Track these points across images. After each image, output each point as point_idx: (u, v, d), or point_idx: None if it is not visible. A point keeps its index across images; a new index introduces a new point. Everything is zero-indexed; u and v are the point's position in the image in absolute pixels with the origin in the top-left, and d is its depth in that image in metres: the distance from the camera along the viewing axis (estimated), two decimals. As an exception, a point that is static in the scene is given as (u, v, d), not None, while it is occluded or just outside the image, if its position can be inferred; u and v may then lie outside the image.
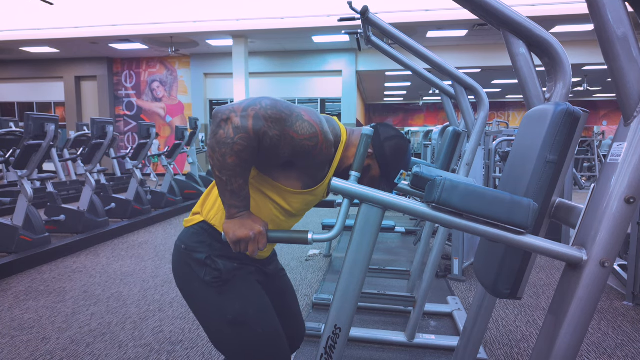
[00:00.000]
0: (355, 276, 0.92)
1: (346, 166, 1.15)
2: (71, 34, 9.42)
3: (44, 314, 2.45)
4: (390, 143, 1.14)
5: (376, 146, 1.15)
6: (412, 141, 17.93)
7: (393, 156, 1.14)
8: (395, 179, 1.14)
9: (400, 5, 7.97)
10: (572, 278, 0.75)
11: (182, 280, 1.17)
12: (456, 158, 2.18)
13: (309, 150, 1.01)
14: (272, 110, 0.95)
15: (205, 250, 1.12)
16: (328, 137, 1.04)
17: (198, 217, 1.17)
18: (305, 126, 0.99)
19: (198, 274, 1.12)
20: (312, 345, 2.08)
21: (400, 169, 1.16)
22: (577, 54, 9.85)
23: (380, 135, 1.15)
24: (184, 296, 1.18)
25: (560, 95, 0.97)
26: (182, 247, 1.15)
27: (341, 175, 1.16)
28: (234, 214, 1.00)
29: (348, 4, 2.10)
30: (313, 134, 1.00)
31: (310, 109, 1.05)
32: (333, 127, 1.12)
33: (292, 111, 0.99)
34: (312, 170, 1.09)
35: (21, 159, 3.51)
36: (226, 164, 0.94)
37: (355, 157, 0.97)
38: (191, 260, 1.13)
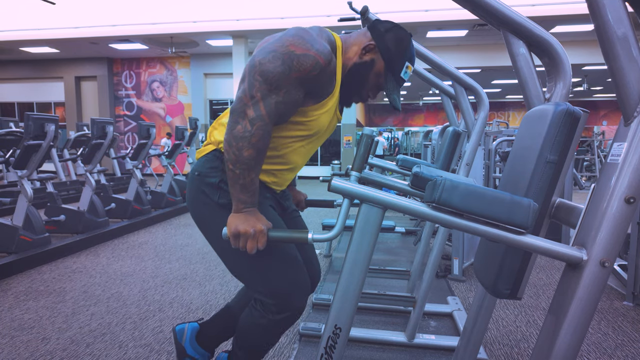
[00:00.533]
0: (355, 276, 0.92)
1: (350, 67, 1.13)
2: (71, 34, 9.42)
3: (44, 314, 2.45)
4: (391, 34, 1.12)
5: (378, 39, 1.12)
6: (412, 141, 17.94)
7: (396, 46, 1.11)
8: (401, 72, 1.13)
9: (400, 5, 7.98)
10: (572, 278, 0.75)
11: (196, 207, 1.18)
12: (456, 158, 2.18)
13: (317, 76, 1.02)
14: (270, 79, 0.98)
15: (218, 175, 1.14)
16: (326, 52, 1.02)
17: (210, 146, 1.19)
18: (302, 61, 0.99)
19: (212, 197, 1.13)
20: (312, 345, 2.08)
21: (405, 60, 1.13)
22: (577, 54, 9.85)
23: (380, 28, 1.13)
24: (198, 223, 1.19)
25: (560, 95, 0.97)
26: (196, 174, 1.17)
27: (348, 79, 1.14)
28: (240, 209, 1.01)
29: (348, 4, 2.10)
30: (313, 62, 1.00)
31: (297, 34, 1.02)
32: (325, 35, 1.10)
33: (282, 58, 0.99)
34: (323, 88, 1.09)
35: (21, 159, 3.51)
36: (242, 157, 0.97)
37: (355, 157, 0.97)
38: (205, 186, 1.14)
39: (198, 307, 2.57)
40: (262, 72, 0.98)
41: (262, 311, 1.17)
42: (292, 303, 1.16)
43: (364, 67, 1.13)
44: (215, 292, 2.82)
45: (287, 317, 1.16)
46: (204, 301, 2.65)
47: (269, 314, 1.16)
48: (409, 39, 1.14)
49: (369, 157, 2.14)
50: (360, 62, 1.13)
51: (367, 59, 1.12)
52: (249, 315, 1.21)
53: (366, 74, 1.14)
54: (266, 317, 1.16)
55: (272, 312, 1.16)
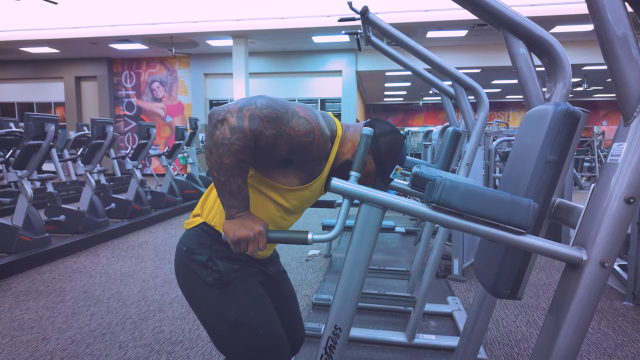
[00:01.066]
0: (355, 276, 0.92)
1: (342, 161, 1.15)
2: (71, 34, 9.42)
3: (44, 314, 2.45)
4: (385, 139, 1.14)
5: (372, 142, 1.14)
6: (412, 141, 17.94)
7: (388, 151, 1.14)
8: (390, 174, 1.16)
9: (400, 6, 7.97)
10: (572, 278, 0.75)
11: (184, 282, 1.17)
12: (456, 158, 2.18)
13: (307, 145, 1.01)
14: (267, 109, 0.95)
15: (205, 252, 1.12)
16: (325, 131, 1.04)
17: (198, 219, 1.18)
18: (301, 122, 0.99)
19: (199, 275, 1.12)
20: (312, 345, 2.08)
21: (395, 164, 1.16)
22: (577, 54, 9.84)
23: (376, 131, 1.15)
24: (186, 297, 1.19)
25: (560, 95, 0.97)
26: (184, 249, 1.16)
27: (338, 170, 1.16)
28: (233, 214, 1.00)
29: (348, 4, 2.10)
30: (310, 130, 1.00)
31: (306, 105, 1.05)
32: (329, 122, 1.12)
33: (287, 108, 0.99)
34: (310, 166, 1.09)
35: (21, 159, 3.51)
36: (224, 164, 0.94)
37: (355, 157, 0.97)
38: (192, 262, 1.13)
39: (198, 307, 2.56)
40: (264, 104, 0.96)
41: None
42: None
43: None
44: (215, 292, 2.82)
45: None
46: (204, 301, 2.65)
47: None
48: (402, 143, 1.17)
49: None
50: (352, 160, 1.13)
51: None
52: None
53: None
54: None
55: None
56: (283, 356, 1.18)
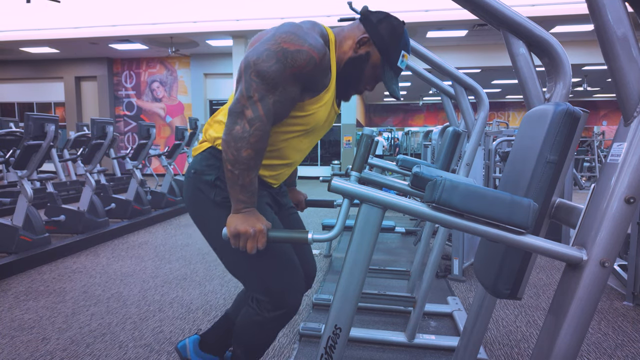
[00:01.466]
0: (355, 276, 0.92)
1: (345, 61, 1.13)
2: (71, 34, 9.42)
3: (44, 314, 2.45)
4: (384, 24, 1.11)
5: (371, 30, 1.11)
6: (412, 141, 17.93)
7: (390, 36, 1.10)
8: (398, 61, 1.12)
9: (400, 6, 7.98)
10: (572, 278, 0.75)
11: (193, 205, 1.18)
12: (456, 158, 2.18)
13: (311, 71, 1.02)
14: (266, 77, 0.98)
15: (214, 172, 1.14)
16: (318, 46, 1.02)
17: (205, 144, 1.19)
18: (296, 57, 0.99)
19: (208, 195, 1.13)
20: (312, 346, 2.08)
21: (400, 49, 1.12)
22: (577, 54, 9.85)
23: (373, 19, 1.12)
24: (196, 221, 1.19)
25: (560, 96, 0.97)
26: (192, 171, 1.17)
27: (343, 73, 1.14)
28: (239, 209, 1.01)
29: (348, 4, 2.10)
30: (307, 58, 1.00)
31: (290, 30, 1.02)
32: (317, 29, 1.09)
33: (276, 56, 0.98)
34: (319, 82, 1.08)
35: (21, 159, 3.51)
36: (240, 157, 0.97)
37: (355, 157, 0.97)
38: (201, 183, 1.14)
39: (198, 307, 2.57)
40: (258, 72, 0.98)
41: (257, 309, 1.18)
42: (286, 301, 1.17)
43: (360, 60, 1.12)
44: (215, 292, 2.82)
45: (281, 314, 1.17)
46: (204, 301, 2.65)
47: (264, 311, 1.17)
48: (403, 27, 1.12)
49: (369, 157, 2.14)
50: (355, 56, 1.12)
51: (362, 52, 1.11)
52: (245, 314, 1.23)
53: (362, 67, 1.13)
54: (261, 314, 1.17)
55: (267, 310, 1.17)
56: (296, 277, 1.18)
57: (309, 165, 12.58)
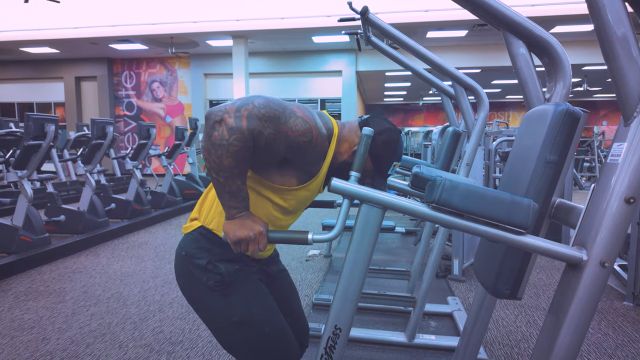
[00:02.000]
0: (356, 276, 0.92)
1: (340, 161, 1.15)
2: (71, 34, 9.42)
3: (44, 315, 2.45)
4: (381, 137, 1.12)
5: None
6: (412, 141, 17.94)
7: (385, 149, 1.13)
8: (388, 170, 1.16)
9: (400, 6, 7.97)
10: (572, 278, 0.75)
11: (185, 286, 1.17)
12: (456, 158, 2.18)
13: (305, 145, 1.01)
14: (265, 109, 0.95)
15: (205, 256, 1.12)
16: (322, 131, 1.04)
17: (196, 222, 1.17)
18: (299, 122, 0.99)
19: (200, 279, 1.12)
20: (312, 346, 2.08)
21: (393, 161, 1.16)
22: (577, 54, 9.84)
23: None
24: (189, 302, 1.19)
25: (560, 96, 0.97)
26: (183, 253, 1.15)
27: (335, 169, 1.15)
28: (233, 215, 1.00)
29: (348, 4, 2.10)
30: (307, 130, 1.00)
31: (302, 105, 1.05)
32: (325, 121, 1.12)
33: (284, 108, 0.99)
34: (307, 166, 1.09)
35: (21, 160, 3.51)
36: (223, 165, 0.93)
37: (355, 157, 0.97)
38: (192, 267, 1.13)
39: (198, 307, 2.56)
40: (261, 104, 0.95)
41: None
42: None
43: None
44: (215, 292, 2.82)
45: None
46: (204, 301, 2.65)
47: None
48: (399, 139, 1.16)
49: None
50: (350, 162, 1.14)
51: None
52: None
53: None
54: None
55: None
56: (291, 352, 1.18)
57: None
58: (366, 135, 0.96)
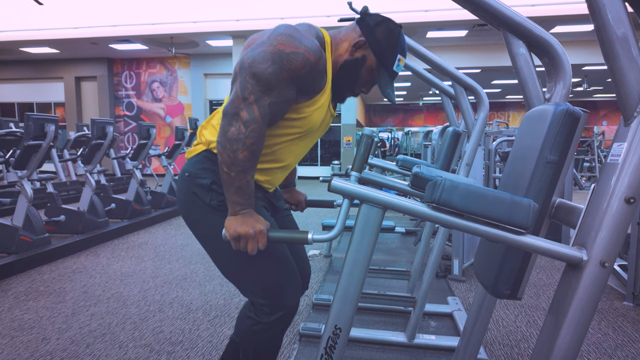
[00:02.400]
0: (356, 276, 0.92)
1: (341, 64, 1.13)
2: (71, 34, 9.42)
3: (44, 315, 2.45)
4: (381, 27, 1.10)
5: (367, 33, 1.10)
6: (412, 141, 17.94)
7: (387, 40, 1.10)
8: (393, 65, 1.12)
9: (400, 6, 7.98)
10: (572, 278, 0.75)
11: (188, 209, 1.16)
12: (456, 158, 2.18)
13: (307, 74, 1.02)
14: (262, 79, 0.97)
15: (209, 176, 1.12)
16: (314, 48, 1.02)
17: (200, 146, 1.18)
18: (292, 59, 0.98)
19: (204, 199, 1.12)
20: (312, 346, 2.08)
21: (397, 53, 1.11)
22: (577, 54, 9.85)
23: (369, 22, 1.11)
24: (190, 225, 1.18)
25: (560, 96, 0.97)
26: (186, 174, 1.15)
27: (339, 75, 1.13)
28: (237, 211, 1.00)
29: (348, 4, 2.10)
30: (303, 60, 0.99)
31: (285, 32, 1.01)
32: (312, 31, 1.09)
33: (272, 58, 0.98)
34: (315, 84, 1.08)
35: (21, 160, 3.51)
36: (237, 159, 0.96)
37: (355, 157, 0.97)
38: (196, 187, 1.12)
39: (198, 307, 2.56)
40: (254, 74, 0.97)
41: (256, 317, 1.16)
42: (284, 302, 1.15)
43: (356, 63, 1.12)
44: (215, 292, 2.82)
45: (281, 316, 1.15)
46: (204, 301, 2.65)
47: (262, 316, 1.15)
48: (399, 31, 1.12)
49: (369, 157, 2.14)
50: (351, 59, 1.12)
51: (358, 55, 1.11)
52: (245, 325, 1.20)
53: (358, 70, 1.13)
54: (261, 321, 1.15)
55: (265, 314, 1.14)
56: (294, 280, 1.17)
57: (309, 165, 12.58)
58: (366, 136, 0.96)
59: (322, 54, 1.04)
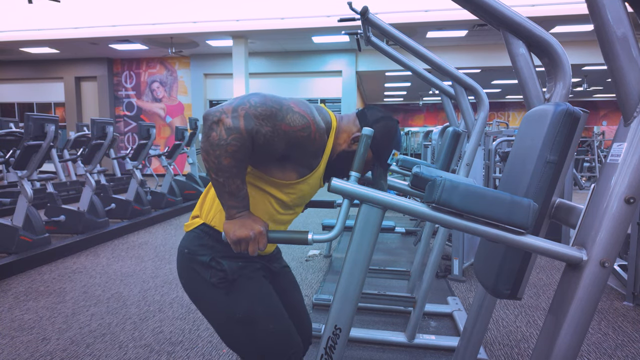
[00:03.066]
0: (356, 276, 0.92)
1: (338, 152, 1.15)
2: (71, 34, 9.42)
3: (44, 315, 2.45)
4: (379, 125, 1.13)
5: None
6: (412, 141, 17.94)
7: (384, 138, 1.13)
8: (388, 159, 1.15)
9: (400, 6, 7.97)
10: (572, 278, 0.75)
11: (188, 284, 1.17)
12: (456, 158, 2.18)
13: (303, 140, 1.02)
14: (262, 107, 0.95)
15: (208, 253, 1.12)
16: (320, 125, 1.04)
17: (198, 220, 1.18)
18: (296, 118, 0.99)
19: (204, 276, 1.12)
20: (312, 346, 2.08)
21: (392, 149, 1.15)
22: (577, 54, 9.84)
23: (368, 119, 1.14)
24: (192, 299, 1.19)
25: (560, 96, 0.97)
26: (185, 251, 1.15)
27: (334, 162, 1.15)
28: (233, 215, 1.00)
29: (348, 4, 2.10)
30: (305, 125, 1.00)
31: (299, 100, 1.05)
32: (323, 114, 1.12)
33: (281, 105, 0.99)
34: (307, 160, 1.09)
35: (21, 160, 3.51)
36: (222, 165, 0.94)
37: (355, 157, 0.96)
38: (195, 264, 1.13)
39: (198, 307, 2.56)
40: (258, 103, 0.96)
41: None
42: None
43: (352, 155, 1.14)
44: (215, 292, 2.82)
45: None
46: (204, 301, 2.65)
47: None
48: (396, 128, 1.16)
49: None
50: (348, 150, 1.14)
51: (355, 148, 1.14)
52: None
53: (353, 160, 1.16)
54: None
55: None
56: (295, 348, 1.17)
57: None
58: (366, 136, 0.96)
59: (323, 134, 1.06)
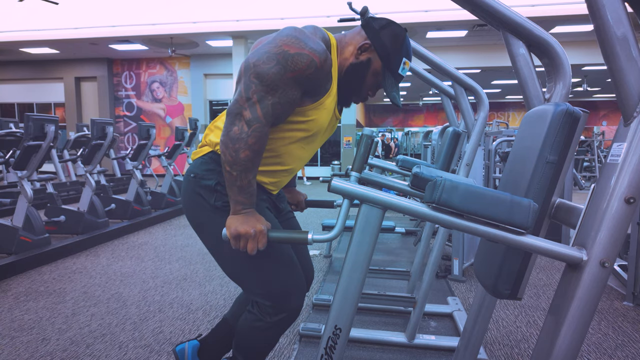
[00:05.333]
0: (356, 277, 0.92)
1: (347, 67, 1.13)
2: (71, 34, 9.42)
3: (44, 315, 2.45)
4: (386, 31, 1.10)
5: (373, 36, 1.10)
6: (412, 141, 17.94)
7: (392, 43, 1.10)
8: (399, 69, 1.12)
9: (400, 6, 7.98)
10: (572, 278, 0.75)
11: (192, 209, 1.17)
12: (456, 158, 2.18)
13: (312, 75, 1.02)
14: (265, 79, 0.97)
15: (214, 177, 1.13)
16: (321, 51, 1.02)
17: (206, 148, 1.19)
18: (296, 60, 0.99)
19: (208, 200, 1.12)
20: (312, 346, 2.08)
21: (402, 57, 1.11)
22: (577, 54, 9.85)
23: (375, 26, 1.11)
24: (194, 226, 1.18)
25: (560, 96, 0.97)
26: (192, 175, 1.16)
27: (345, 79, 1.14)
28: (238, 210, 1.01)
29: (348, 4, 2.10)
30: (308, 61, 1.00)
31: (291, 34, 1.01)
32: (321, 35, 1.09)
33: (278, 59, 0.98)
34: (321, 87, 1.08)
35: (21, 160, 3.51)
36: (239, 159, 0.96)
37: (355, 157, 0.97)
38: (201, 188, 1.13)
39: (198, 307, 2.56)
40: (258, 74, 0.97)
41: (258, 314, 1.17)
42: (289, 303, 1.15)
43: (361, 67, 1.12)
44: (215, 292, 2.82)
45: (284, 318, 1.16)
46: (204, 302, 2.65)
47: (266, 316, 1.15)
48: (405, 34, 1.12)
49: (369, 157, 2.14)
50: (357, 62, 1.12)
51: (363, 58, 1.11)
52: (245, 320, 1.21)
53: (364, 73, 1.13)
54: (263, 319, 1.16)
55: (269, 314, 1.15)
56: (298, 279, 1.17)
57: (309, 165, 12.58)
58: (366, 136, 0.96)
59: (327, 56, 1.04)
